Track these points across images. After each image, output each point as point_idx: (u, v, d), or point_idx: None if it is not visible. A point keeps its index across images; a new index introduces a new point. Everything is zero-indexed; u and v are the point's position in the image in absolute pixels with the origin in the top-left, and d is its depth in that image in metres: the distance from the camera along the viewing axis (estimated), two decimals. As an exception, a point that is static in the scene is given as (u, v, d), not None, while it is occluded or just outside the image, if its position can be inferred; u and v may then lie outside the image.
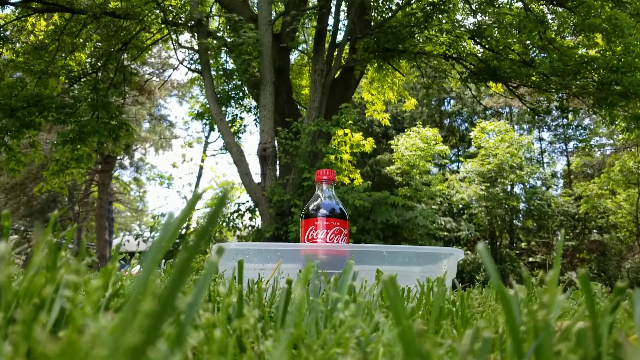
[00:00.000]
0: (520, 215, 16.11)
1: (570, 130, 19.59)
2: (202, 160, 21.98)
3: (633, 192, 14.46)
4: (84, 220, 19.07)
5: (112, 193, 18.86)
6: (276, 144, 7.65)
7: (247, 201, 8.27)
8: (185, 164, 48.86)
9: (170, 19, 8.14)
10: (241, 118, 9.11)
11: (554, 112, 10.63)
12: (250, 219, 8.22)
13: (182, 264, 0.24)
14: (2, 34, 8.69)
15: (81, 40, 9.22)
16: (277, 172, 7.86)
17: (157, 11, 8.00)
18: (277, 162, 7.79)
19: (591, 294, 0.34)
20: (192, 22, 7.74)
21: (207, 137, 21.97)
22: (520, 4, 8.78)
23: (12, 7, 8.70)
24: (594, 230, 16.21)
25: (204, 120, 9.65)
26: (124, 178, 21.96)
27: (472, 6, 9.01)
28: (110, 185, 17.80)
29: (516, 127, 19.56)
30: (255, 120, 9.66)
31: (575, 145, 19.66)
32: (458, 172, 15.38)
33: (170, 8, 8.24)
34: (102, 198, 15.77)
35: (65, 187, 10.75)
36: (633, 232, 15.02)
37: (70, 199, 18.64)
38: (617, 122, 8.32)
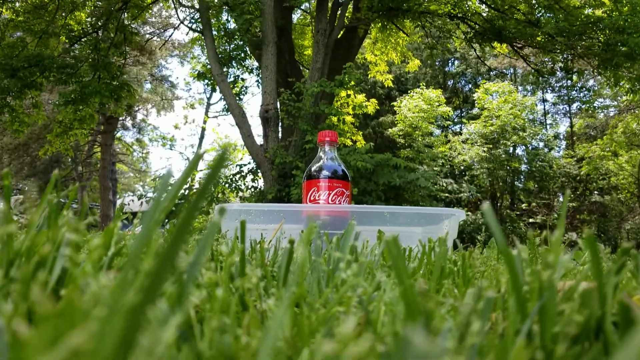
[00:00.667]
0: (522, 177, 16.12)
1: (574, 92, 19.37)
2: (204, 122, 21.91)
3: (635, 154, 14.42)
4: (87, 180, 19.15)
5: (115, 154, 18.86)
6: (278, 105, 7.59)
7: (249, 163, 8.27)
8: (188, 125, 48.67)
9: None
10: (243, 79, 9.01)
11: (558, 73, 10.48)
12: (253, 180, 8.24)
13: (183, 222, 0.24)
14: (0, -8, 8.55)
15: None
16: (280, 134, 7.82)
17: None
18: (280, 123, 7.75)
19: (597, 255, 0.33)
20: (192, -20, 7.59)
21: (209, 99, 21.84)
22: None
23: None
24: (595, 192, 16.24)
25: (206, 81, 9.56)
26: (127, 139, 21.93)
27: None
28: (113, 146, 17.78)
29: (520, 88, 19.36)
30: (257, 81, 9.57)
31: (578, 107, 19.49)
32: (460, 134, 15.31)
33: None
34: (105, 159, 15.78)
35: (70, 148, 10.76)
36: (634, 194, 15.05)
37: (74, 159, 18.67)
38: (621, 84, 8.23)
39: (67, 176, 18.35)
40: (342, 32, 8.45)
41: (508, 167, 14.51)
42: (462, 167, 14.28)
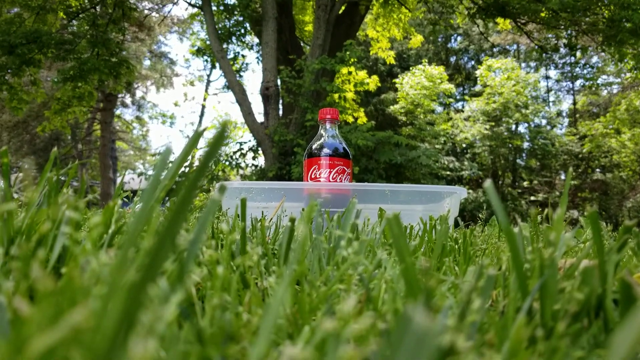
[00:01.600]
0: (524, 154, 16.09)
1: (577, 69, 19.22)
2: (204, 99, 21.81)
3: (638, 132, 14.36)
4: (87, 158, 19.14)
5: (114, 131, 18.82)
6: (279, 82, 7.54)
7: (250, 140, 8.26)
8: (187, 102, 48.39)
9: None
10: (243, 56, 8.96)
11: (561, 49, 10.40)
12: (254, 158, 8.23)
13: (183, 199, 0.24)
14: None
15: (78, -26, 8.95)
16: (280, 112, 7.79)
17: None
18: (280, 101, 7.71)
19: (600, 232, 0.33)
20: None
21: (208, 76, 21.69)
22: None
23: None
24: (597, 170, 16.23)
25: (205, 58, 9.48)
26: (126, 117, 21.85)
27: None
28: (113, 123, 17.73)
29: (523, 65, 19.19)
30: (257, 58, 9.49)
31: (582, 84, 19.34)
32: (463, 111, 15.23)
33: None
34: (105, 136, 15.75)
35: (68, 126, 10.72)
36: (636, 172, 15.04)
37: (73, 137, 18.64)
38: (625, 60, 8.16)
39: (67, 154, 18.34)
40: (343, 8, 8.35)
41: (510, 145, 14.48)
42: (464, 145, 14.25)
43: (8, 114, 15.51)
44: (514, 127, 14.61)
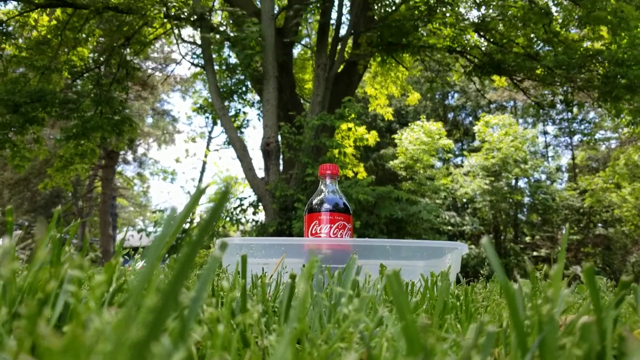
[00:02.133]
0: (525, 209, 16.09)
1: (575, 124, 19.50)
2: (205, 155, 22.01)
3: (638, 186, 14.41)
4: (87, 215, 19.12)
5: (115, 188, 18.90)
6: (279, 138, 7.64)
7: (250, 196, 8.28)
8: (189, 158, 48.85)
9: (173, 13, 8.11)
10: (244, 113, 9.10)
11: (558, 105, 10.58)
12: (254, 213, 8.23)
13: (185, 259, 0.24)
14: (4, 30, 8.68)
15: (84, 36, 9.20)
16: (281, 167, 7.85)
17: (160, 6, 7.99)
18: (281, 156, 7.78)
19: (596, 288, 0.34)
20: (195, 17, 7.72)
21: (210, 132, 21.99)
22: (524, -3, 8.72)
23: (15, 3, 8.69)
24: (599, 224, 16.17)
25: (207, 115, 9.64)
26: (127, 173, 21.99)
27: (476, -1, 8.96)
28: (114, 180, 17.83)
29: (520, 120, 19.49)
30: (258, 115, 9.65)
31: (580, 139, 19.57)
32: (462, 166, 15.35)
33: (172, 2, 8.21)
34: (106, 193, 15.81)
35: (70, 183, 10.76)
36: (638, 226, 14.98)
37: (74, 194, 18.68)
38: (622, 116, 8.27)
39: (67, 211, 18.33)
40: (342, 67, 8.56)
41: (510, 200, 14.50)
42: (464, 200, 14.27)
43: (10, 171, 15.61)
44: (513, 182, 14.68)
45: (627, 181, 14.66)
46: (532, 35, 8.54)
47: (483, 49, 9.14)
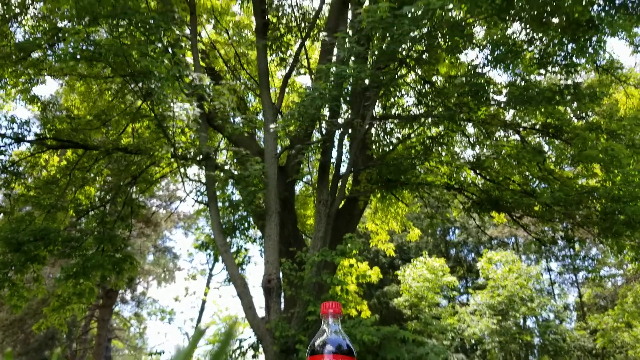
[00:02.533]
0: (536, 351, 15.38)
1: (578, 261, 19.37)
2: (205, 293, 21.56)
3: (650, 325, 13.90)
4: (80, 359, 18.25)
5: (111, 329, 18.26)
6: (281, 275, 7.50)
7: (250, 337, 7.92)
8: (188, 297, 47.77)
9: (180, 153, 8.39)
10: (246, 249, 9.04)
11: (560, 242, 10.54)
12: (254, 356, 7.81)
13: None
14: (15, 170, 8.92)
15: (92, 175, 9.44)
16: (282, 305, 7.62)
17: (168, 147, 8.28)
18: (282, 294, 7.59)
19: None
20: (201, 156, 7.97)
21: (211, 269, 21.77)
22: (517, 137, 9.09)
23: (28, 144, 9.03)
24: (615, 367, 15.35)
25: (208, 251, 9.58)
26: (125, 313, 21.39)
27: (470, 139, 9.33)
28: (110, 321, 17.28)
29: (523, 257, 19.40)
30: (260, 250, 9.59)
31: (585, 276, 19.30)
32: (468, 305, 14.95)
33: (180, 143, 8.53)
34: (101, 335, 15.24)
35: (65, 323, 10.37)
36: (656, 368, 14.19)
37: (69, 335, 18.01)
38: (625, 252, 8.18)
39: (61, 354, 17.53)
40: (343, 203, 8.67)
41: (520, 341, 13.91)
42: (472, 341, 13.70)
43: (6, 311, 15.19)
44: (521, 321, 14.22)
45: (637, 320, 14.18)
46: (527, 173, 8.76)
47: (480, 186, 9.33)
